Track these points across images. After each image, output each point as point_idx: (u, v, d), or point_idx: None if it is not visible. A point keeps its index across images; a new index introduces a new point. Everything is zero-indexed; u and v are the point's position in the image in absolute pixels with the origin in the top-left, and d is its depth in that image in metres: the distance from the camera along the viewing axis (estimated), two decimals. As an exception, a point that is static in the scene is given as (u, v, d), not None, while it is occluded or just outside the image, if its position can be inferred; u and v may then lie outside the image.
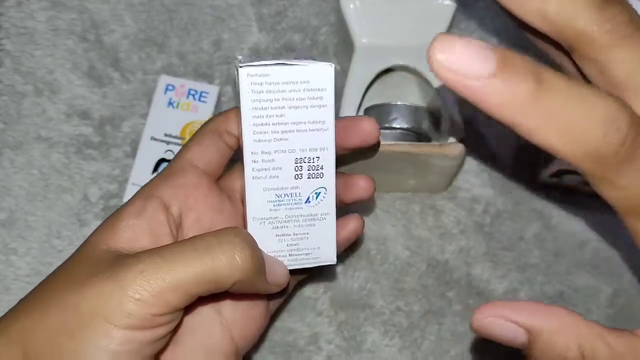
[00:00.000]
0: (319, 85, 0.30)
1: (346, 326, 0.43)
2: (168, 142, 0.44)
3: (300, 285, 0.43)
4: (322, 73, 0.30)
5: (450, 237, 0.45)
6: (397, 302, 0.44)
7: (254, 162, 0.30)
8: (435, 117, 0.45)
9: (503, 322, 0.26)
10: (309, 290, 0.44)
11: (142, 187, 0.33)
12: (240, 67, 0.29)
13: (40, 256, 0.44)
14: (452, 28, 0.49)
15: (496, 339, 0.27)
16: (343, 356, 0.42)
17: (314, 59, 0.30)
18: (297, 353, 0.42)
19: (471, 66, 0.21)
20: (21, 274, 0.43)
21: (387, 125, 0.43)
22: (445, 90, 0.45)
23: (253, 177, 0.31)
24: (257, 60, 0.30)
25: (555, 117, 0.22)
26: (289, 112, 0.30)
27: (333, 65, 0.30)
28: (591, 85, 0.23)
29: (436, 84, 0.45)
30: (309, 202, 0.32)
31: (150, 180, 0.34)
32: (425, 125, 0.43)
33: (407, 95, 0.47)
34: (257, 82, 0.29)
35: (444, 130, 0.43)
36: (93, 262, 0.29)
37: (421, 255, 0.45)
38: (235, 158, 0.36)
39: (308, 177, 0.31)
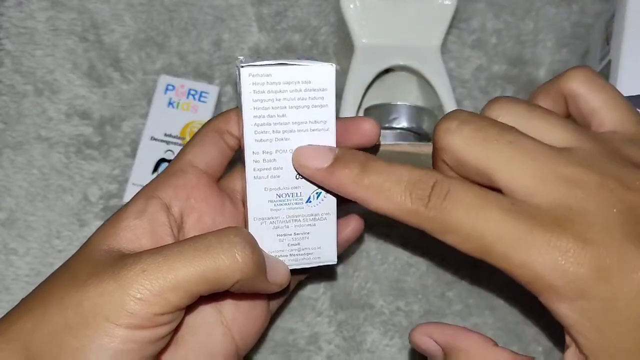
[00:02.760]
0: (320, 86, 0.30)
1: (346, 326, 0.43)
2: (168, 142, 0.44)
3: (300, 285, 0.43)
4: (323, 73, 0.30)
5: (450, 237, 0.45)
6: (397, 302, 0.44)
7: (255, 162, 0.30)
8: (435, 117, 0.45)
9: (427, 339, 0.31)
10: (308, 290, 0.44)
11: (143, 188, 0.33)
12: (242, 67, 0.29)
13: (40, 256, 0.44)
14: (451, 28, 0.49)
15: (423, 352, 0.32)
16: (343, 356, 0.42)
17: (315, 59, 0.30)
18: (297, 353, 0.42)
19: (316, 162, 0.30)
20: (21, 274, 0.43)
21: (387, 125, 0.43)
22: (445, 89, 0.45)
23: (254, 177, 0.31)
24: (258, 60, 0.30)
25: (377, 188, 0.29)
26: (290, 112, 0.30)
27: (334, 65, 0.30)
28: (406, 163, 0.30)
29: (436, 83, 0.45)
30: (310, 201, 0.32)
31: (151, 181, 0.34)
32: (425, 125, 0.43)
33: (407, 95, 0.47)
34: (259, 82, 0.29)
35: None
36: (94, 261, 0.29)
37: (421, 255, 0.45)
38: (235, 158, 0.36)
39: None
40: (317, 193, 0.32)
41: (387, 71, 0.47)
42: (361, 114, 0.45)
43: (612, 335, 0.26)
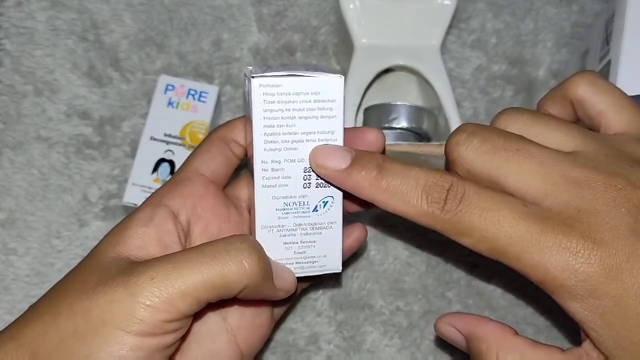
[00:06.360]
0: (329, 97, 0.30)
1: (346, 326, 0.43)
2: (168, 142, 0.44)
3: (304, 292, 0.43)
4: (332, 85, 0.30)
5: (450, 237, 0.45)
6: (396, 302, 0.44)
7: (264, 170, 0.31)
8: (435, 117, 0.45)
9: (450, 328, 0.32)
10: (308, 290, 0.44)
11: (151, 195, 0.34)
12: (253, 77, 0.29)
13: (40, 256, 0.44)
14: (451, 28, 0.49)
15: (447, 340, 0.33)
16: (343, 356, 0.42)
17: (322, 69, 0.31)
18: (297, 353, 0.42)
19: (334, 163, 0.31)
20: (21, 274, 0.43)
21: (387, 125, 0.43)
22: (446, 90, 0.45)
23: (263, 185, 0.31)
24: (267, 70, 0.30)
25: (394, 191, 0.30)
26: (299, 122, 0.30)
27: (342, 77, 0.30)
28: (422, 165, 0.30)
29: (436, 83, 0.45)
30: (317, 210, 0.32)
31: (158, 189, 0.34)
32: (425, 125, 0.43)
33: (407, 95, 0.47)
34: (269, 92, 0.30)
35: (443, 130, 0.43)
36: (102, 268, 0.29)
37: (421, 255, 0.45)
38: (240, 166, 0.36)
39: (316, 186, 0.32)
40: (323, 202, 0.32)
41: (387, 71, 0.47)
42: (361, 114, 0.45)
43: (623, 330, 0.27)
